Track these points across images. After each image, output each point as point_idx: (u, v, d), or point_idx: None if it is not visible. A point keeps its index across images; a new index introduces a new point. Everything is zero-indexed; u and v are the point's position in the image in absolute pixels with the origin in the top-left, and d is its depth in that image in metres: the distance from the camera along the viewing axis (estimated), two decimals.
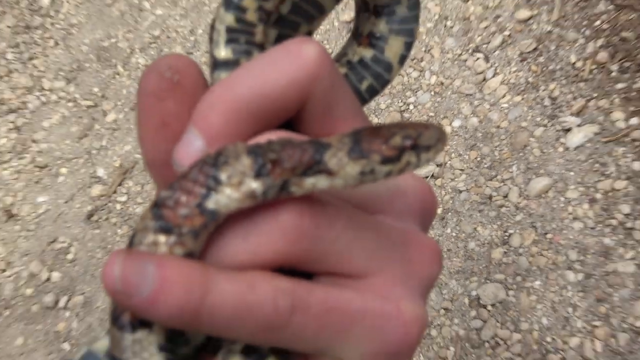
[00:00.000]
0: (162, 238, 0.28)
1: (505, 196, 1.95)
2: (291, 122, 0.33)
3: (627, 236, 1.79)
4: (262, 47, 0.35)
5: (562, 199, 1.89)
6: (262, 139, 0.30)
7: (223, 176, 0.28)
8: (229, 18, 0.34)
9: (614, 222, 1.81)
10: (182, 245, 0.28)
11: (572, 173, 1.91)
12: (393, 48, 0.42)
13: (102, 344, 0.35)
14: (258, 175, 0.28)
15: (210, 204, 0.28)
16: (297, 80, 0.30)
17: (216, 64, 0.34)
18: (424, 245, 0.35)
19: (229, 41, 0.34)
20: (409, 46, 0.42)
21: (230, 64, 0.34)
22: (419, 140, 0.31)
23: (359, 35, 0.42)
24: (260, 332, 0.28)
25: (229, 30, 0.34)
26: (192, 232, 0.28)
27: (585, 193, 1.88)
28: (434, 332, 1.82)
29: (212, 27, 0.35)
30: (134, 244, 0.28)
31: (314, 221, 0.29)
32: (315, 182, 0.29)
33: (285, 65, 0.30)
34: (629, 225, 1.80)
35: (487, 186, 1.98)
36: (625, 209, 1.82)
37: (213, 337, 0.31)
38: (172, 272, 0.26)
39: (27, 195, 2.46)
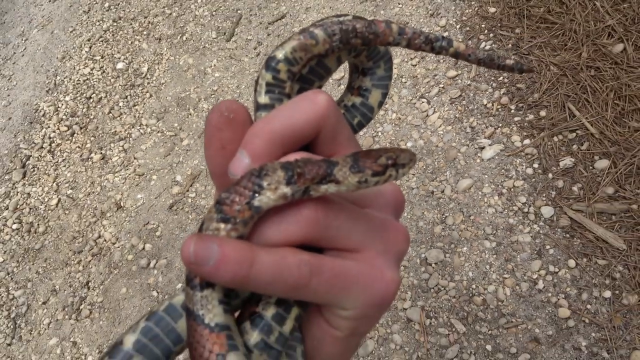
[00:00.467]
0: (222, 225, 0.28)
1: (442, 191, 1.84)
2: (308, 145, 0.33)
3: (524, 217, 1.68)
4: (289, 96, 0.35)
5: (480, 193, 1.79)
6: (290, 157, 0.30)
7: (265, 183, 0.28)
8: (268, 76, 0.34)
9: (515, 208, 1.71)
10: (236, 231, 0.28)
11: (486, 176, 1.81)
12: (374, 97, 0.42)
13: (179, 299, 0.31)
14: (288, 183, 0.29)
15: (256, 202, 0.28)
16: (314, 118, 0.31)
17: (258, 107, 0.35)
18: (398, 230, 0.34)
19: (267, 92, 0.35)
20: (385, 95, 0.42)
21: (268, 107, 0.34)
22: (398, 160, 0.32)
23: (352, 88, 0.42)
24: (288, 290, 0.28)
25: (268, 84, 0.35)
26: (243, 221, 0.28)
27: (495, 189, 1.78)
28: None
29: (256, 81, 0.35)
30: (202, 229, 0.28)
31: (324, 214, 0.30)
32: (327, 188, 0.30)
33: (305, 108, 0.31)
34: (525, 210, 1.69)
35: (430, 185, 1.88)
36: (522, 199, 1.71)
37: (255, 293, 0.31)
38: (229, 249, 0.26)
39: (130, 194, 2.38)
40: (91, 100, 2.79)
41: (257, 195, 0.28)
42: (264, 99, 0.34)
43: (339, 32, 0.35)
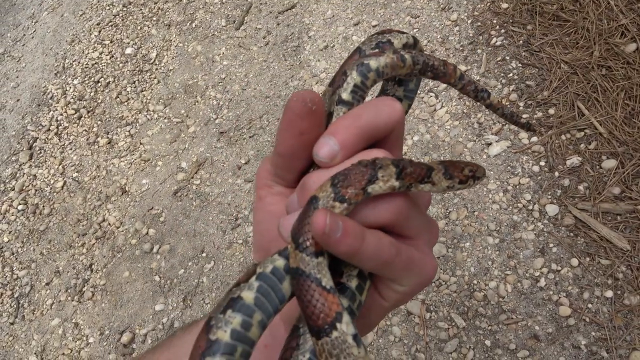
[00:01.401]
0: (337, 204, 0.32)
1: None
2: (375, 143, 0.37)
3: (528, 214, 1.68)
4: (364, 100, 0.40)
5: (485, 189, 1.79)
6: (373, 153, 0.35)
7: (379, 175, 0.33)
8: (358, 79, 0.38)
9: (519, 205, 1.71)
10: (347, 210, 0.32)
11: (492, 172, 1.81)
12: (404, 105, 0.46)
13: (279, 263, 0.34)
14: (397, 178, 0.33)
15: (369, 189, 0.33)
16: (392, 122, 0.35)
17: (339, 101, 0.38)
18: (436, 224, 0.40)
19: (352, 91, 0.38)
20: (410, 106, 0.47)
21: (347, 104, 0.38)
22: (476, 173, 0.39)
23: (386, 93, 0.46)
24: (379, 265, 0.33)
25: (355, 85, 0.39)
26: (355, 203, 0.33)
27: (500, 186, 1.78)
28: None
29: (344, 73, 0.39)
30: (319, 205, 0.32)
31: (409, 206, 0.34)
32: (424, 187, 0.35)
33: (388, 112, 0.35)
34: (530, 207, 1.69)
35: None
36: (528, 196, 1.71)
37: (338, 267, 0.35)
38: (349, 226, 0.30)
39: (135, 179, 2.39)
40: (99, 84, 2.80)
41: (371, 183, 0.33)
42: (347, 96, 0.39)
43: (422, 63, 0.41)
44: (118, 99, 2.70)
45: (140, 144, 2.51)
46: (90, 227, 2.30)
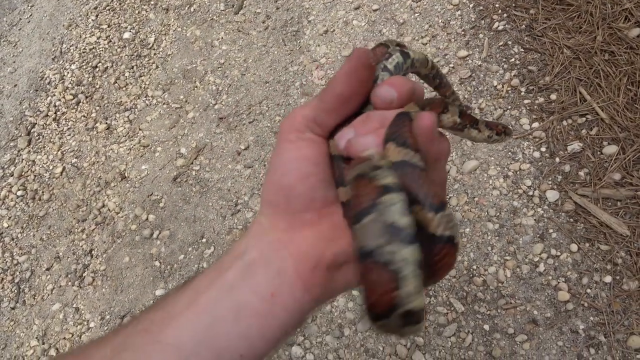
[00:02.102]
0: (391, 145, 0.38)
1: (448, 172, 1.84)
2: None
3: (528, 200, 1.68)
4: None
5: (486, 175, 1.78)
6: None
7: (449, 108, 0.45)
8: (400, 59, 0.48)
9: (520, 191, 1.71)
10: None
11: (492, 158, 1.80)
12: None
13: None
14: (459, 116, 0.45)
15: (442, 116, 0.46)
16: (423, 90, 0.45)
17: (385, 69, 0.47)
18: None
19: (395, 66, 0.47)
20: None
21: (389, 72, 0.46)
22: (506, 130, 0.52)
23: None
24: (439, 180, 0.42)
25: (397, 63, 0.48)
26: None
27: (501, 171, 1.77)
28: None
29: (388, 53, 0.48)
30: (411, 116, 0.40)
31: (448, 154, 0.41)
32: (472, 132, 0.48)
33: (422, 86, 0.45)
34: (530, 193, 1.69)
35: None
36: (528, 182, 1.71)
37: None
38: (442, 132, 0.41)
39: (134, 164, 2.39)
40: (97, 69, 2.78)
41: (444, 113, 0.44)
42: (390, 66, 0.47)
43: (437, 70, 0.55)
44: (116, 84, 2.69)
45: (139, 129, 2.50)
46: (90, 213, 2.30)
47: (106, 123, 2.56)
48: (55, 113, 2.68)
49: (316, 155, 0.43)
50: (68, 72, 2.80)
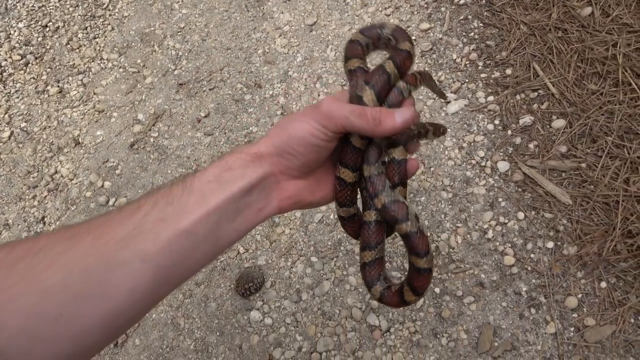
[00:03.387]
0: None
1: None
2: None
3: (481, 171, 1.75)
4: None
5: (442, 146, 1.84)
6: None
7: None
8: (408, 45, 0.68)
9: (473, 161, 1.78)
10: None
11: (449, 130, 1.86)
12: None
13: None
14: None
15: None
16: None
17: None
18: None
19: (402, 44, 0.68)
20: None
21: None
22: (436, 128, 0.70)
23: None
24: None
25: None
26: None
27: (456, 143, 1.83)
28: None
29: (402, 32, 0.69)
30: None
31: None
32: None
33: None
34: (482, 164, 1.76)
35: None
36: (481, 153, 1.78)
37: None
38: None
39: (89, 130, 2.31)
40: (47, 29, 2.63)
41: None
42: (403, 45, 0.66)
43: (420, 73, 0.68)
44: (69, 45, 2.56)
45: (94, 94, 2.41)
46: (42, 179, 2.22)
47: (58, 86, 2.45)
48: (1, 74, 2.53)
49: (330, 146, 0.57)
50: (15, 31, 2.65)
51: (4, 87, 2.50)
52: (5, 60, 2.56)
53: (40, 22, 2.66)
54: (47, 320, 0.42)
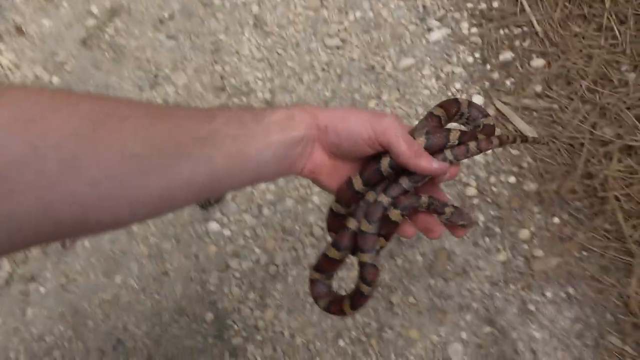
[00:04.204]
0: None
1: (383, 67, 1.86)
2: None
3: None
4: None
5: (420, 74, 1.83)
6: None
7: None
8: (440, 111, 0.75)
9: (449, 93, 1.79)
10: None
11: (428, 58, 1.85)
12: None
13: None
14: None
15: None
16: None
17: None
18: None
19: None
20: None
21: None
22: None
23: None
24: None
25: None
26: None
27: (434, 72, 1.83)
28: None
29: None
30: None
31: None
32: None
33: None
34: (458, 95, 1.78)
35: (371, 59, 1.89)
36: (458, 85, 1.79)
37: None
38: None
39: (34, 18, 2.12)
40: None
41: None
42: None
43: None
44: None
45: None
46: None
47: None
48: None
49: (367, 153, 0.65)
50: None
51: None
52: None
53: None
54: (117, 181, 0.47)
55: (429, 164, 0.62)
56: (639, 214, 1.46)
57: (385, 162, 0.65)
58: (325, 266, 0.74)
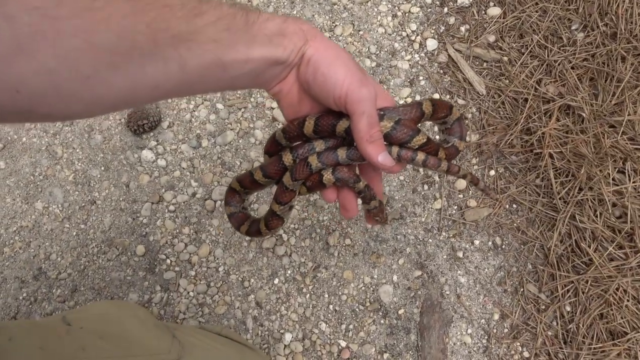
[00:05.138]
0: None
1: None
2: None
3: (409, 45, 1.74)
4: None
5: (376, 10, 1.77)
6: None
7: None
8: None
9: (404, 33, 1.75)
10: None
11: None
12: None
13: None
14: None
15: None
16: None
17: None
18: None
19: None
20: None
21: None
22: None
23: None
24: None
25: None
26: None
27: (391, 10, 1.77)
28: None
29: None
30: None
31: None
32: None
33: None
34: (412, 37, 1.75)
35: None
36: (413, 26, 1.75)
37: None
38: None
39: None
40: None
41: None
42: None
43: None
44: None
45: None
46: None
47: None
48: None
49: (333, 107, 0.63)
50: None
51: None
52: None
53: None
54: (77, 73, 0.42)
55: (375, 153, 0.61)
56: (568, 172, 1.55)
57: (343, 124, 0.64)
58: (246, 183, 0.78)
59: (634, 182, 1.49)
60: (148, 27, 0.44)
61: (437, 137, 1.57)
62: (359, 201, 0.72)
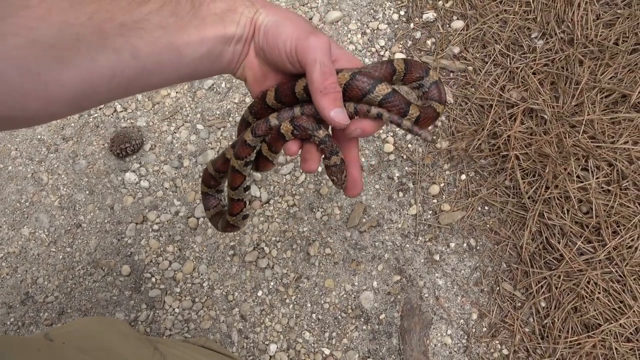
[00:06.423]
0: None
1: (311, 18, 1.88)
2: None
3: (378, 60, 1.84)
4: None
5: (346, 28, 1.88)
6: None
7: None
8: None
9: (373, 49, 1.85)
10: None
11: (355, 12, 1.89)
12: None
13: None
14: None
15: None
16: None
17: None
18: None
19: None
20: None
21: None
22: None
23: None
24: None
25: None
26: None
27: (360, 27, 1.88)
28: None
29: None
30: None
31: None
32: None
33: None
34: (381, 53, 1.85)
35: (299, 9, 1.90)
36: (382, 42, 1.86)
37: None
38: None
39: None
40: None
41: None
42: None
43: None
44: None
45: None
46: None
47: None
48: None
49: (290, 70, 0.62)
50: None
51: None
52: None
53: None
54: (25, 70, 0.43)
55: (328, 106, 0.57)
56: (535, 172, 1.64)
57: (301, 84, 0.61)
58: (218, 165, 0.82)
59: (597, 179, 1.57)
60: (90, 19, 0.46)
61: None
62: (322, 156, 0.68)
